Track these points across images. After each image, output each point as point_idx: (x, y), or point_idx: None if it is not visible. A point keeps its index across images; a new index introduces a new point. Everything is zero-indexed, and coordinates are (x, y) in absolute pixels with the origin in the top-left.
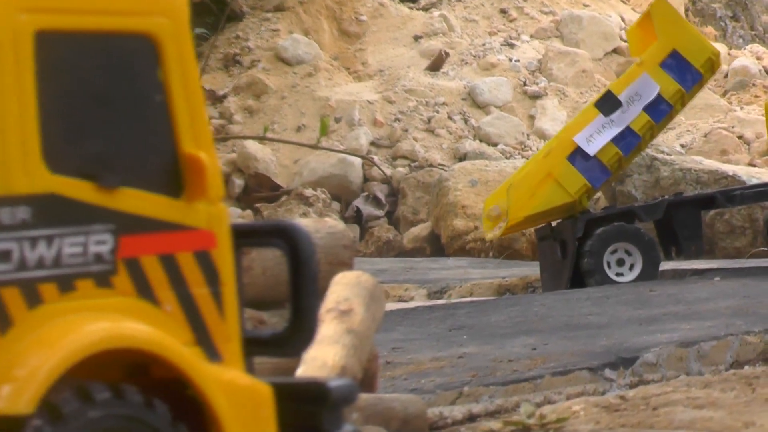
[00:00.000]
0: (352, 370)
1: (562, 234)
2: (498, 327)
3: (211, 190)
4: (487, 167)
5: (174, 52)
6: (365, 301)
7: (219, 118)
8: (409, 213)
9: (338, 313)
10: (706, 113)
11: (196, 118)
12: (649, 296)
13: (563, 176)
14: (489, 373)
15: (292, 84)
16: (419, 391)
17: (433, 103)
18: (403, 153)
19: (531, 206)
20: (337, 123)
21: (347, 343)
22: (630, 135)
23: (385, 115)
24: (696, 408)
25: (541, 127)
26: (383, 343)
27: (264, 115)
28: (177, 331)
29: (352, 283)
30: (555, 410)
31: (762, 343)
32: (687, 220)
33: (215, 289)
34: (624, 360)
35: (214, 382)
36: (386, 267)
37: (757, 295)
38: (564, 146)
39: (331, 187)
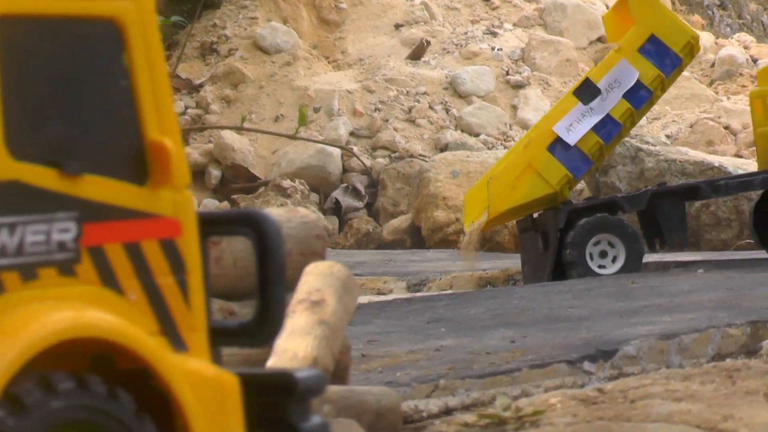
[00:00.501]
0: (324, 362)
1: (543, 225)
2: (477, 319)
3: (177, 177)
4: (469, 158)
5: (139, 38)
6: (337, 292)
7: (196, 108)
8: (389, 204)
9: (310, 304)
10: (692, 103)
11: (161, 104)
12: (631, 288)
13: (544, 167)
14: (466, 366)
15: (270, 73)
16: (394, 384)
17: (414, 92)
18: (383, 143)
19: (512, 199)
20: (316, 113)
21: (319, 334)
22: (610, 123)
23: (364, 104)
24: (674, 401)
25: (523, 117)
26: (360, 335)
27: (241, 104)
28: (141, 320)
29: (324, 274)
30: (531, 403)
31: (744, 336)
32: (671, 211)
33: (181, 278)
34: (603, 353)
35: (179, 372)
36: (365, 259)
37: (741, 287)
38: (544, 137)
39: (310, 179)
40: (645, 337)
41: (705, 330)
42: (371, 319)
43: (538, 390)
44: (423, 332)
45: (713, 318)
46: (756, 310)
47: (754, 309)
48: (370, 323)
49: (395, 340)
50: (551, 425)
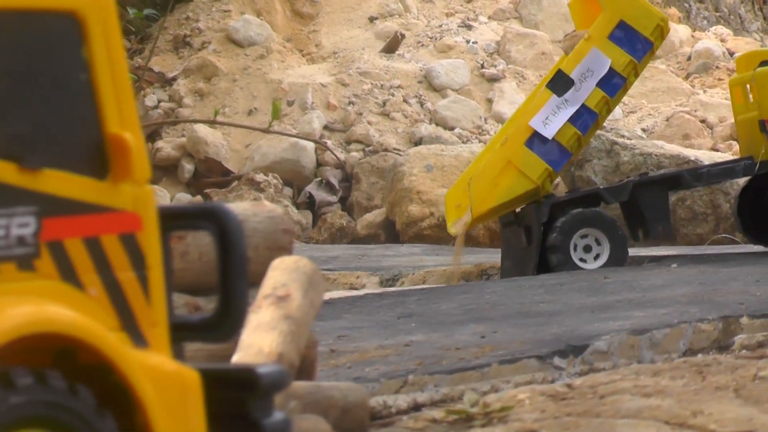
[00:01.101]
0: (290, 357)
1: (526, 219)
2: (448, 315)
3: (137, 171)
4: (443, 152)
5: (99, 30)
6: (303, 287)
7: (168, 102)
8: (363, 199)
9: (275, 299)
10: (669, 97)
11: (121, 97)
12: (604, 283)
13: (523, 163)
14: (435, 362)
15: (243, 66)
16: (363, 380)
17: (389, 86)
18: (357, 137)
19: (494, 197)
20: (290, 106)
21: (284, 329)
22: (586, 113)
23: (338, 98)
24: (644, 396)
25: (499, 110)
26: (329, 330)
27: (215, 98)
28: (101, 315)
29: (290, 269)
30: (500, 399)
31: (716, 331)
32: (653, 200)
33: (141, 273)
34: (574, 348)
35: (139, 367)
36: (339, 254)
37: (714, 282)
38: (520, 132)
39: (283, 173)
40: (616, 332)
41: (677, 325)
42: (342, 314)
43: (507, 386)
44: (393, 327)
45: (685, 313)
46: (728, 305)
47: (727, 304)
48: (340, 318)
49: (365, 336)
50: (519, 421)
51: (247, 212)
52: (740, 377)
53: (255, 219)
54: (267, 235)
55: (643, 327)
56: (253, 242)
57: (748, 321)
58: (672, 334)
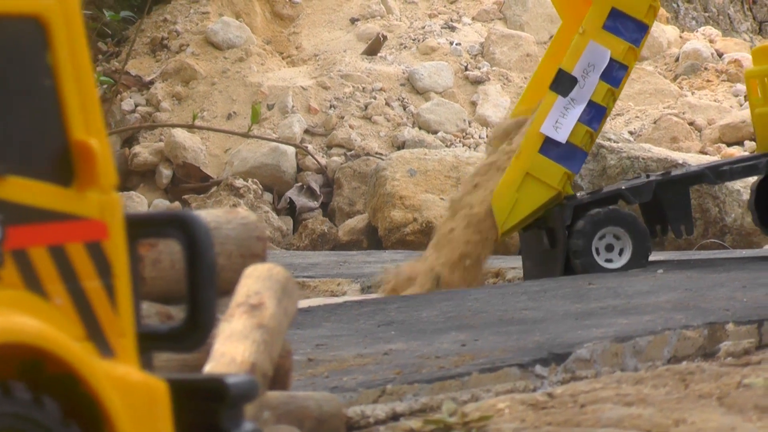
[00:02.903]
0: (263, 367)
1: (548, 222)
2: (429, 322)
3: (103, 178)
4: (427, 156)
5: (63, 35)
6: (277, 295)
7: (146, 106)
8: (345, 204)
9: (248, 307)
10: (656, 99)
11: (87, 103)
12: (588, 290)
13: (541, 171)
14: (414, 371)
15: (222, 69)
16: (340, 390)
17: (370, 89)
18: (339, 141)
19: (518, 212)
20: (270, 110)
21: (257, 338)
22: (594, 109)
23: (319, 101)
24: (625, 405)
25: (483, 113)
26: (307, 339)
27: (193, 102)
28: (67, 325)
29: (263, 277)
30: (479, 408)
31: (701, 338)
32: (676, 199)
33: (107, 282)
34: (556, 356)
35: (105, 378)
36: (319, 261)
37: (700, 288)
38: (533, 141)
39: (263, 178)
40: (599, 339)
41: (661, 332)
42: (321, 323)
43: (488, 395)
44: (373, 335)
45: (670, 320)
46: (714, 312)
47: (712, 310)
48: (319, 326)
49: (344, 344)
50: (498, 431)
51: (220, 219)
52: (724, 385)
53: (228, 226)
54: (240, 243)
55: (626, 334)
56: (226, 249)
57: (733, 328)
58: (656, 341)
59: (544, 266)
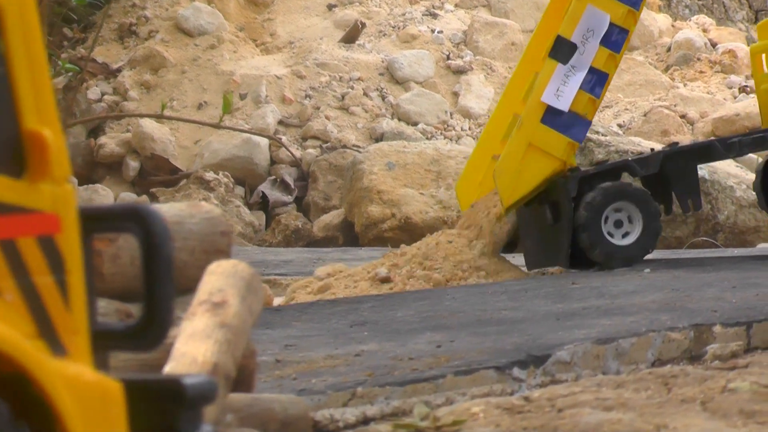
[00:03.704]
0: (226, 368)
1: (551, 196)
2: (403, 322)
3: (56, 169)
4: (406, 149)
5: (16, 21)
6: (241, 293)
7: (113, 95)
8: (320, 199)
9: (211, 305)
10: (647, 90)
11: (40, 92)
12: (571, 289)
13: (544, 142)
14: (386, 373)
15: (193, 57)
16: (308, 392)
17: (348, 78)
18: (314, 133)
19: (523, 185)
20: (242, 100)
21: (220, 338)
22: (596, 75)
23: (294, 91)
24: (605, 410)
25: (465, 104)
26: (276, 339)
27: (162, 90)
28: (17, 322)
29: (227, 273)
30: (452, 412)
31: (687, 340)
32: (683, 173)
33: (60, 278)
34: (535, 358)
35: (57, 377)
36: (292, 258)
37: (688, 288)
38: (534, 111)
39: (235, 171)
40: (580, 341)
41: (645, 334)
42: (291, 322)
43: (463, 398)
44: (344, 336)
45: (654, 321)
46: (701, 313)
47: (699, 311)
48: (289, 326)
49: (313, 345)
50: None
51: (183, 213)
52: (708, 389)
53: (191, 221)
54: (204, 238)
55: (609, 336)
56: (189, 245)
57: (721, 329)
58: (639, 343)
59: (546, 242)
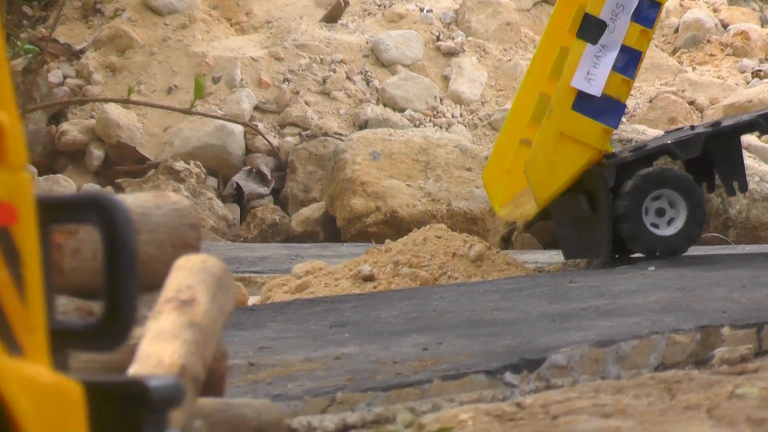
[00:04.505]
0: (194, 370)
1: (587, 185)
2: (387, 324)
3: (12, 156)
4: (392, 137)
5: None
6: (211, 290)
7: (76, 78)
8: (299, 191)
9: (178, 303)
10: (652, 75)
11: None
12: (568, 288)
13: (577, 130)
14: (368, 377)
15: (162, 37)
16: (284, 398)
17: (329, 60)
18: (293, 120)
19: (556, 179)
20: (215, 84)
21: (188, 338)
22: (628, 54)
23: (272, 74)
24: (602, 417)
25: (456, 89)
26: (250, 341)
27: (129, 73)
28: None
29: (196, 269)
30: (438, 419)
31: (693, 343)
32: (727, 153)
33: (16, 272)
34: (529, 362)
35: (12, 378)
36: (269, 254)
37: (694, 287)
38: (564, 97)
39: (207, 160)
40: (578, 344)
41: (647, 336)
42: (266, 323)
43: (451, 404)
44: (324, 338)
45: (658, 322)
46: (708, 314)
47: (706, 312)
48: (264, 327)
49: (290, 347)
50: None
51: (149, 204)
52: (714, 395)
53: (158, 212)
54: (171, 230)
55: (608, 338)
56: (156, 238)
57: (729, 332)
58: (641, 346)
59: (584, 232)
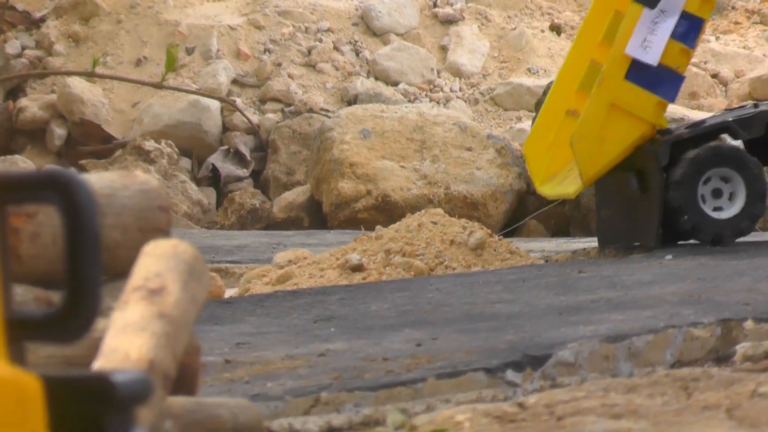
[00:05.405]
0: (164, 365)
1: (637, 162)
2: (378, 317)
3: None
4: (384, 113)
5: None
6: (182, 278)
7: (35, 48)
8: (282, 173)
9: (147, 292)
10: None
11: None
12: (577, 279)
13: (630, 102)
14: (356, 375)
15: (130, 4)
16: (263, 398)
17: (315, 29)
18: (275, 94)
19: (605, 154)
20: (189, 55)
21: (157, 330)
22: (689, 21)
23: (251, 44)
24: (612, 418)
25: (455, 61)
26: (226, 337)
27: (94, 44)
28: None
29: (166, 255)
30: (431, 420)
31: (712, 338)
32: None
33: None
34: (532, 359)
35: None
36: (248, 242)
37: (715, 277)
38: (617, 65)
39: (180, 139)
40: (587, 339)
41: (663, 330)
42: (244, 317)
43: (447, 405)
44: (307, 333)
45: (675, 315)
46: (729, 306)
47: (728, 304)
48: (242, 322)
49: (270, 343)
50: None
51: (115, 184)
52: (735, 394)
53: (125, 193)
54: (139, 213)
55: (621, 333)
56: (123, 222)
57: (753, 325)
58: (656, 341)
59: (629, 215)
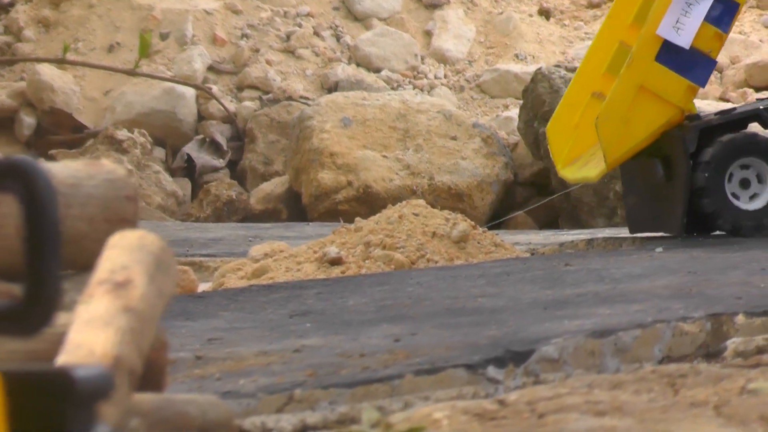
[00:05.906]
0: (130, 361)
1: (664, 149)
2: (355, 312)
3: None
4: (366, 101)
5: None
6: (149, 271)
7: (3, 34)
8: (259, 163)
9: (112, 285)
10: None
11: None
12: (564, 272)
13: (659, 85)
14: (332, 372)
15: None
16: (235, 395)
17: (294, 13)
18: (252, 82)
19: (630, 137)
20: (163, 41)
21: (123, 325)
22: (724, 4)
23: (228, 29)
24: (596, 415)
25: (440, 46)
26: (198, 332)
27: (64, 29)
28: None
29: (132, 247)
30: (408, 418)
31: (702, 333)
32: None
33: None
34: (515, 354)
35: None
36: (223, 235)
37: (707, 270)
38: (647, 46)
39: (154, 128)
40: (572, 334)
41: (651, 325)
42: (217, 312)
43: (425, 403)
44: (282, 328)
45: (664, 310)
46: (721, 300)
47: (720, 298)
48: (214, 317)
49: (243, 339)
50: None
51: (80, 174)
52: (724, 391)
53: (90, 182)
54: (105, 203)
55: (607, 328)
56: (88, 212)
57: (744, 320)
58: (644, 336)
59: (656, 203)
